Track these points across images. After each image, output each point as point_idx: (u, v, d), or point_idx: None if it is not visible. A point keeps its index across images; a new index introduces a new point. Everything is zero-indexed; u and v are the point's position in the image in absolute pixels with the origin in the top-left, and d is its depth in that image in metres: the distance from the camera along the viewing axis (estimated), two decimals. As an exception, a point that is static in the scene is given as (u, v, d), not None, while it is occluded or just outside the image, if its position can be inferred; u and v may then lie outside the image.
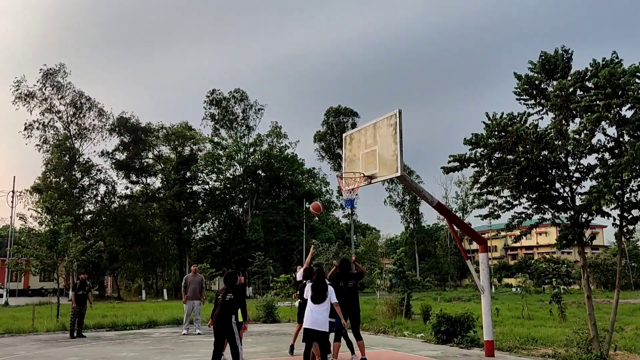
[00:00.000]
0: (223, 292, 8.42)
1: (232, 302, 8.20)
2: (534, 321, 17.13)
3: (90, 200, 50.92)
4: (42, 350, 12.10)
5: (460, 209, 67.60)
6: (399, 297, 18.80)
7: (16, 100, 47.70)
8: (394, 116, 10.30)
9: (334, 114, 65.42)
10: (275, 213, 55.17)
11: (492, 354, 10.55)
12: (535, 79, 10.03)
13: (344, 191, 11.42)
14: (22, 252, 19.22)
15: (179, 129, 54.85)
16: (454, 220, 11.66)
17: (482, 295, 10.95)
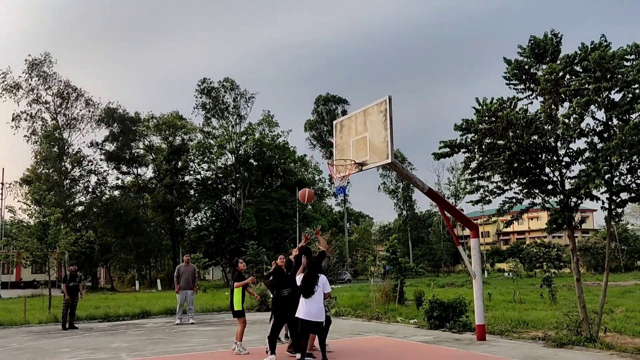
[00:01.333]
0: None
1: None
2: (525, 305, 17.27)
3: (81, 192, 50.65)
4: (34, 342, 12.07)
5: (452, 195, 67.88)
6: (392, 284, 18.87)
7: (2, 92, 47.16)
8: (384, 102, 10.26)
9: (324, 101, 65.23)
10: (268, 202, 55.11)
11: (483, 337, 10.63)
12: (524, 63, 10.01)
13: (336, 179, 11.40)
14: (12, 244, 19.10)
15: (170, 118, 54.49)
16: (445, 207, 11.68)
17: (474, 280, 11.01)
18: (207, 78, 55.77)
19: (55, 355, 10.19)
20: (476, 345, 10.06)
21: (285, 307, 8.82)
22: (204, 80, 55.63)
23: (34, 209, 18.57)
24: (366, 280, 45.89)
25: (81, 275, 17.12)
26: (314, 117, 65.57)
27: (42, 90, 48.30)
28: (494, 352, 9.28)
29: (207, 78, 55.79)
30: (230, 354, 9.91)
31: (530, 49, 9.93)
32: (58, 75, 48.89)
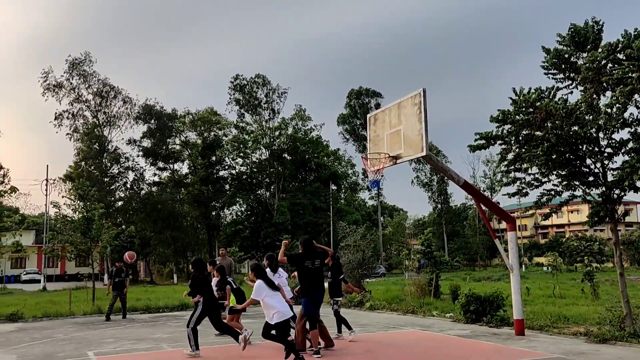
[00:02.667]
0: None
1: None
2: (565, 300, 16.90)
3: (120, 188, 52.00)
4: (79, 333, 12.50)
5: (488, 188, 66.76)
6: (427, 278, 18.75)
7: (45, 92, 48.74)
8: (418, 95, 10.16)
9: (357, 95, 64.94)
10: (301, 196, 55.40)
11: (522, 332, 10.47)
12: (564, 52, 9.77)
13: (370, 172, 11.36)
14: (57, 238, 19.78)
15: (205, 114, 55.30)
16: (481, 199, 11.51)
17: (512, 274, 10.85)
18: (239, 74, 56.39)
19: (99, 345, 10.55)
20: (515, 340, 9.92)
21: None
22: (237, 76, 56.27)
23: (78, 204, 19.18)
24: (400, 274, 45.67)
25: (128, 270, 17.68)
26: (347, 111, 65.38)
27: (82, 89, 49.76)
28: (534, 347, 9.13)
29: (240, 74, 56.39)
30: (266, 345, 10.05)
31: (570, 37, 9.68)
32: (97, 74, 50.26)
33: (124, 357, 9.26)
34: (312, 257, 8.76)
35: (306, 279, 8.67)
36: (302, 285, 8.74)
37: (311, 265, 8.68)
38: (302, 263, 8.69)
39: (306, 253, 8.76)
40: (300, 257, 8.75)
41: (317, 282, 8.71)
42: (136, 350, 9.81)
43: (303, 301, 8.73)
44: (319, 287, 8.72)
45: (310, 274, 8.67)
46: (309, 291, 8.62)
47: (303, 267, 8.68)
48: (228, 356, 9.12)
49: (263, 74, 56.36)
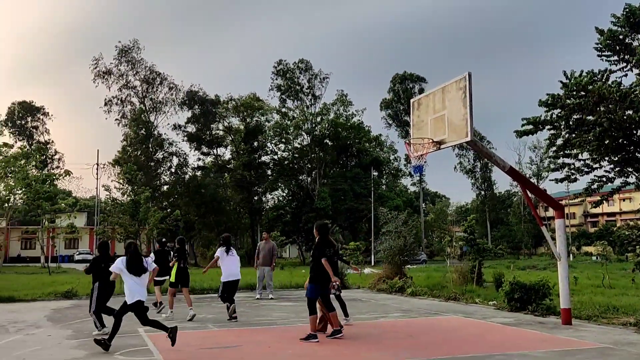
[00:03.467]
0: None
1: None
2: (615, 290, 16.37)
3: (165, 172, 53.36)
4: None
5: (534, 174, 65.02)
6: (469, 265, 18.51)
7: (95, 78, 50.32)
8: (463, 79, 9.99)
9: (400, 80, 64.13)
10: (343, 181, 55.44)
11: (569, 322, 10.25)
12: (618, 33, 9.39)
13: (413, 158, 11.29)
14: (107, 220, 20.55)
15: (247, 100, 55.88)
16: (527, 186, 11.26)
17: (559, 262, 10.60)
18: (282, 60, 56.51)
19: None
20: (562, 330, 9.73)
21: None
22: (280, 62, 56.42)
23: (127, 188, 19.86)
24: (442, 261, 45.26)
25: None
26: (391, 95, 64.69)
27: (130, 76, 51.11)
28: (582, 336, 8.94)
29: (283, 60, 56.53)
30: (305, 327, 10.21)
31: (625, 17, 9.29)
32: (145, 61, 51.48)
33: (184, 333, 9.58)
34: (329, 245, 8.84)
35: (321, 266, 8.61)
36: (315, 272, 8.72)
37: (329, 253, 8.72)
38: (322, 251, 8.68)
39: (324, 241, 8.81)
40: (321, 246, 8.74)
41: (333, 270, 8.72)
42: (183, 329, 10.13)
43: (310, 286, 8.78)
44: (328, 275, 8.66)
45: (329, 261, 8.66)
46: (320, 279, 8.66)
47: (323, 255, 8.63)
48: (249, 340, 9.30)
49: (306, 59, 56.38)
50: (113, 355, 7.60)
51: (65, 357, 7.60)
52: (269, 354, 7.73)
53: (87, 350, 8.02)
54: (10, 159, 15.87)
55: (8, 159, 15.57)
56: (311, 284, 8.77)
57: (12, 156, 16.53)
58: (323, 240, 8.81)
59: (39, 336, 9.44)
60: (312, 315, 8.65)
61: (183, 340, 8.92)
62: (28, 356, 7.63)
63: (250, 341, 8.83)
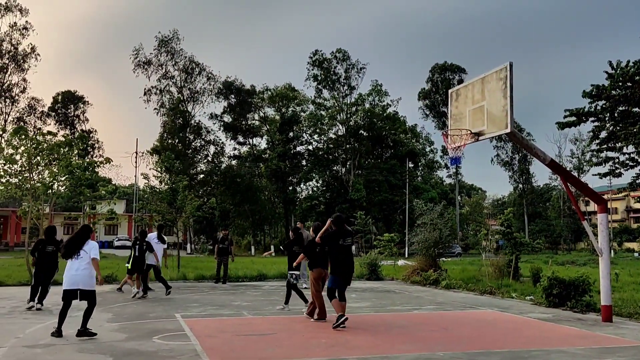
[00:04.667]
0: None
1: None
2: (658, 288, 15.85)
3: (202, 161, 54.17)
4: (167, 296, 13.32)
5: (575, 168, 63.23)
6: (506, 259, 18.20)
7: (136, 68, 51.33)
8: (504, 69, 9.79)
9: (440, 70, 63.12)
10: (377, 172, 55.18)
11: (609, 319, 9.98)
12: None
13: (450, 149, 11.14)
14: (146, 207, 21.01)
15: (283, 90, 56.08)
16: (569, 179, 10.97)
17: (600, 258, 10.31)
18: (318, 50, 56.39)
19: (186, 308, 11.20)
20: (601, 327, 9.48)
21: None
22: (316, 52, 56.29)
23: (165, 176, 20.26)
24: (477, 254, 44.54)
25: (231, 238, 18.89)
26: (429, 86, 63.79)
27: (170, 66, 51.92)
28: (623, 334, 8.70)
29: (319, 50, 56.39)
30: (335, 315, 10.26)
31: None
32: (184, 52, 52.20)
33: (207, 320, 9.79)
34: (344, 235, 9.06)
35: (338, 255, 8.93)
36: (333, 262, 9.00)
37: (343, 242, 8.98)
38: (336, 241, 8.95)
39: (339, 231, 9.04)
40: (334, 236, 9.01)
41: (348, 260, 9.00)
42: (219, 315, 10.34)
43: (331, 277, 9.04)
44: (349, 265, 9.00)
45: (342, 251, 8.96)
46: (338, 269, 8.92)
47: (337, 245, 8.94)
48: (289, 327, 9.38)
49: (344, 49, 56.07)
50: (152, 339, 7.81)
51: (106, 338, 7.85)
52: (303, 342, 7.80)
53: (126, 333, 8.26)
54: (54, 147, 16.41)
55: (52, 146, 16.10)
56: (331, 275, 9.06)
57: (56, 144, 17.03)
58: (337, 230, 9.06)
59: (80, 319, 9.77)
60: (333, 299, 8.91)
61: (218, 326, 9.10)
62: (71, 337, 7.91)
63: (284, 329, 8.93)
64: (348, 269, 9.01)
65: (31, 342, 7.53)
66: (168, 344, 7.43)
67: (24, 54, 52.77)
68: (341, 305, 8.87)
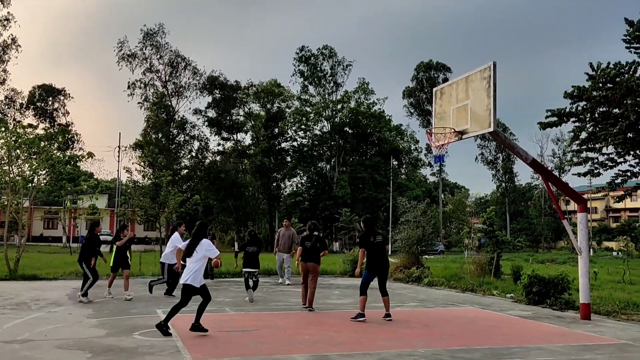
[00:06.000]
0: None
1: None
2: (635, 286, 16.13)
3: (186, 156, 53.79)
4: (148, 292, 13.20)
5: (556, 167, 64.09)
6: (487, 257, 18.39)
7: (119, 61, 50.73)
8: (488, 69, 9.85)
9: (425, 68, 63.44)
10: (362, 170, 55.31)
11: (588, 317, 10.14)
12: (650, 24, 9.13)
13: (434, 147, 11.21)
14: (128, 202, 20.81)
15: (268, 86, 55.88)
16: (550, 178, 11.10)
17: (580, 256, 10.47)
18: (305, 46, 56.28)
19: (168, 304, 11.06)
20: (580, 324, 9.63)
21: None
22: (303, 47, 56.20)
23: (148, 171, 20.08)
24: (460, 252, 44.97)
25: (213, 233, 18.67)
26: (413, 84, 64.07)
27: (154, 60, 51.41)
28: (600, 332, 8.84)
29: (306, 46, 56.28)
30: (321, 313, 10.29)
31: (658, 7, 9.03)
32: (169, 45, 51.73)
33: (189, 316, 9.70)
34: (374, 234, 9.72)
35: (371, 253, 9.56)
36: (367, 259, 9.65)
37: (373, 240, 9.60)
38: (367, 239, 9.62)
39: (369, 231, 9.72)
40: (366, 235, 9.70)
41: (380, 256, 9.64)
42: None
43: (365, 272, 9.65)
44: (382, 261, 9.65)
45: (374, 248, 9.57)
46: (372, 265, 9.57)
47: (369, 243, 9.58)
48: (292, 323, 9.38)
49: (330, 46, 56.06)
50: (132, 335, 7.75)
51: (85, 335, 7.76)
52: (286, 338, 7.80)
53: (107, 329, 8.18)
54: (34, 140, 16.13)
55: (32, 139, 15.83)
56: (366, 270, 9.68)
57: (37, 137, 16.75)
58: (367, 230, 9.75)
59: (60, 314, 9.65)
60: (362, 296, 9.50)
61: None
62: (49, 333, 7.81)
63: (267, 325, 8.92)
64: (382, 265, 9.67)
65: (9, 338, 7.42)
66: (149, 340, 7.37)
67: (4, 45, 51.82)
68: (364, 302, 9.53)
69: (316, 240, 11.02)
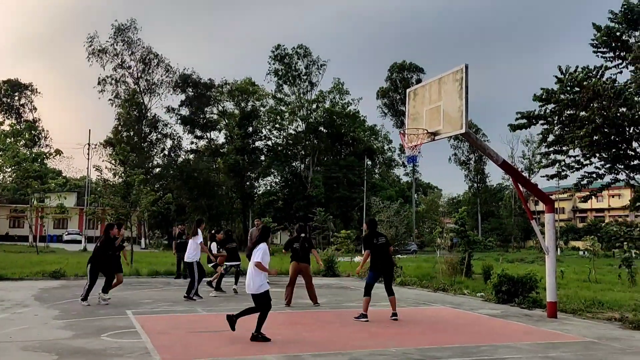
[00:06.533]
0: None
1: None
2: (601, 285, 16.57)
3: (158, 154, 53.06)
4: (117, 293, 12.97)
5: (526, 169, 65.29)
6: (459, 256, 18.64)
7: (90, 56, 49.72)
8: (460, 71, 9.97)
9: (398, 69, 63.88)
10: (336, 169, 55.41)
11: (554, 315, 10.36)
12: (615, 29, 9.38)
13: (407, 148, 11.29)
14: (98, 201, 20.43)
15: (243, 84, 55.50)
16: (519, 179, 11.31)
17: (547, 256, 10.69)
18: (281, 44, 56.07)
19: (138, 305, 10.96)
20: (547, 322, 9.84)
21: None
22: (278, 46, 55.95)
23: (119, 169, 19.74)
24: (432, 251, 45.49)
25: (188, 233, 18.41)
26: (387, 84, 64.45)
27: (126, 56, 50.53)
28: (566, 330, 9.05)
29: (282, 44, 56.08)
30: (294, 313, 10.28)
31: (623, 14, 9.29)
32: (142, 42, 50.91)
33: (160, 317, 9.61)
34: (377, 235, 9.98)
35: (375, 254, 9.78)
36: (371, 260, 9.88)
37: (377, 241, 9.83)
38: (371, 241, 9.83)
39: (372, 232, 9.98)
40: (369, 237, 9.94)
41: (384, 257, 9.83)
42: (172, 312, 10.16)
43: (370, 273, 9.91)
44: (387, 262, 9.88)
45: (378, 249, 9.78)
46: (376, 265, 9.78)
47: (372, 244, 9.80)
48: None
49: (305, 45, 55.98)
50: (100, 337, 7.60)
51: (52, 336, 7.59)
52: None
53: (74, 331, 8.01)
54: (0, 136, 15.71)
55: (-2, 136, 15.49)
56: (370, 271, 9.88)
57: (2, 133, 16.31)
58: (371, 232, 9.98)
59: (26, 315, 9.42)
60: (366, 297, 9.63)
61: (171, 323, 8.94)
62: (15, 334, 7.62)
63: (239, 326, 8.82)
64: (385, 265, 9.87)
65: (-29, 341, 7.20)
66: (117, 342, 7.25)
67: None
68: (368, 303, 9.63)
69: (304, 241, 11.55)
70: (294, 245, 11.53)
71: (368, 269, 10.14)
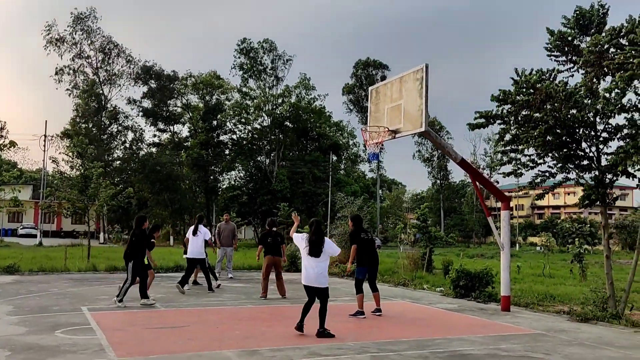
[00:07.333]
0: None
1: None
2: (554, 279, 17.19)
3: (119, 147, 51.94)
4: (74, 288, 12.76)
5: (488, 166, 66.85)
6: (421, 252, 18.99)
7: (47, 45, 48.17)
8: (420, 70, 10.14)
9: (364, 66, 64.23)
10: (301, 164, 55.41)
11: (508, 308, 10.72)
12: (568, 34, 9.72)
13: (369, 145, 11.44)
14: (54, 194, 19.90)
15: (207, 77, 54.81)
16: (477, 177, 11.62)
17: (502, 252, 11.03)
18: (247, 38, 55.59)
19: (94, 301, 10.78)
20: (500, 316, 10.17)
21: None
22: (244, 40, 55.41)
23: (76, 162, 19.26)
24: (396, 247, 46.10)
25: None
26: (353, 81, 64.76)
27: (85, 45, 49.17)
28: (517, 322, 9.38)
29: (247, 38, 55.61)
30: (254, 308, 10.31)
31: (575, 19, 9.63)
32: (102, 31, 49.61)
33: (116, 313, 9.49)
34: (364, 231, 10.05)
35: (361, 249, 9.80)
36: (358, 255, 9.91)
37: (365, 236, 9.92)
38: (358, 236, 9.85)
39: (358, 228, 9.97)
40: (355, 232, 9.92)
41: (371, 252, 9.93)
42: (130, 308, 10.04)
43: (357, 269, 10.02)
44: (372, 257, 9.94)
45: (364, 244, 9.85)
46: (362, 260, 9.88)
47: (359, 239, 9.83)
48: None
49: (271, 39, 55.65)
50: (54, 333, 7.47)
51: (5, 332, 7.41)
52: (217, 334, 7.77)
53: (27, 327, 7.85)
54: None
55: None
56: (358, 267, 9.97)
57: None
58: (356, 228, 9.94)
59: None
60: (359, 294, 9.73)
61: (128, 320, 8.85)
62: (-36, 332, 7.41)
63: (198, 322, 8.84)
64: (373, 261, 9.96)
65: None
66: (72, 338, 7.14)
67: None
68: (362, 299, 9.71)
69: (276, 235, 12.09)
70: (268, 239, 11.96)
71: (355, 265, 10.21)
